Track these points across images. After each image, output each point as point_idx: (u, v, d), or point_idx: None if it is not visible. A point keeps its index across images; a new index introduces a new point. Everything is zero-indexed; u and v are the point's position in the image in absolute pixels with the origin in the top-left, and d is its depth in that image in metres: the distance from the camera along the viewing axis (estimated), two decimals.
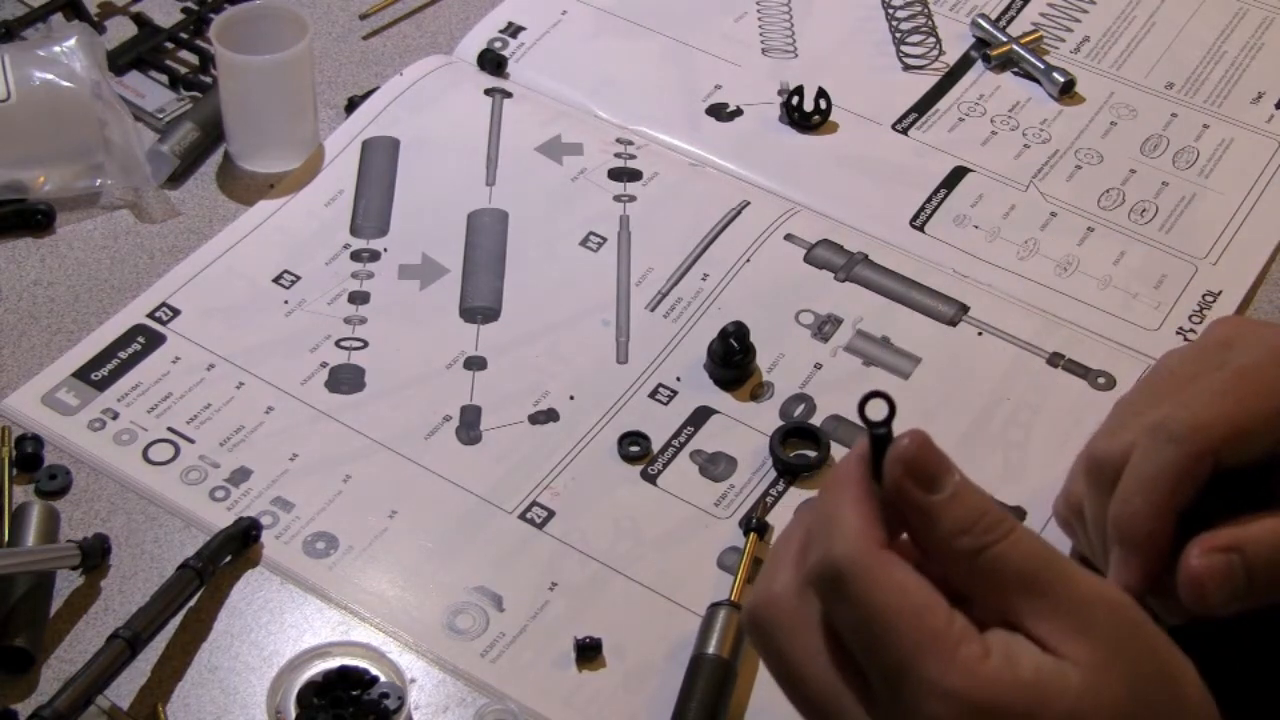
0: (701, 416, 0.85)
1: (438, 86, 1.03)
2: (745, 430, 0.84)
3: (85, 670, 0.69)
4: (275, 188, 0.97)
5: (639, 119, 1.03)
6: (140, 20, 1.07)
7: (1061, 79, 1.06)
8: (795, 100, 1.02)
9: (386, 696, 0.71)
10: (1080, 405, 0.86)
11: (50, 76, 0.95)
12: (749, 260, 0.93)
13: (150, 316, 0.89)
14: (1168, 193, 1.00)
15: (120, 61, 1.03)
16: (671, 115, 1.03)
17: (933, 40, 1.10)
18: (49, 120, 0.94)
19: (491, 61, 1.05)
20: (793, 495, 0.82)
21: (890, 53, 1.09)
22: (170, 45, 1.06)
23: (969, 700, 0.48)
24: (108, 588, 0.76)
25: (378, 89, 1.03)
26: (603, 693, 0.73)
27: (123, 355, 0.87)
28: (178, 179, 0.97)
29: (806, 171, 1.00)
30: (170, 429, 0.83)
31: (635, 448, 0.83)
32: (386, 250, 0.93)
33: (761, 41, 1.09)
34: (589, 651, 0.74)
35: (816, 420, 0.85)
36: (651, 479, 0.82)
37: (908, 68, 1.08)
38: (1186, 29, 1.12)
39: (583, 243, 0.94)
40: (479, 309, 0.90)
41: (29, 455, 0.81)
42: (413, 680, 0.73)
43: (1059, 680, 0.48)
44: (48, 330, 0.88)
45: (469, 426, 0.84)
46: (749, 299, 0.91)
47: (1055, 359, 0.89)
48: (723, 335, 0.86)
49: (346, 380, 0.86)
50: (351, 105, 1.02)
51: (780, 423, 0.84)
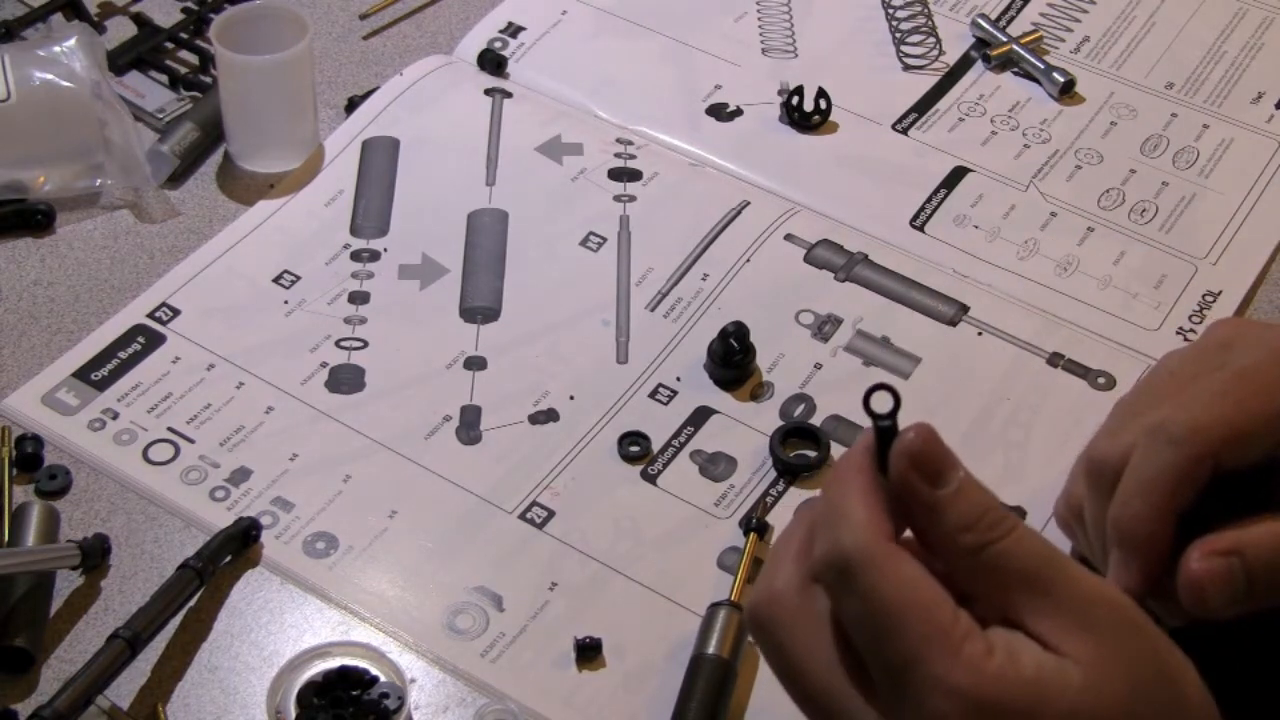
0: (701, 416, 0.85)
1: (438, 86, 1.03)
2: (745, 430, 0.84)
3: (85, 670, 0.69)
4: (275, 188, 0.97)
5: (639, 119, 1.03)
6: (140, 20, 1.07)
7: (1061, 79, 1.06)
8: (795, 100, 1.02)
9: (386, 696, 0.71)
10: (1080, 405, 0.86)
11: (50, 76, 0.95)
12: (749, 260, 0.93)
13: (150, 316, 0.89)
14: (1168, 193, 1.00)
15: (120, 61, 1.03)
16: (671, 115, 1.03)
17: (933, 40, 1.10)
18: (49, 120, 0.94)
19: (491, 61, 1.05)
20: (793, 495, 0.82)
21: (890, 53, 1.09)
22: (170, 45, 1.06)
23: (972, 697, 0.48)
24: (108, 588, 0.76)
25: (378, 89, 1.03)
26: (603, 693, 0.73)
27: (123, 355, 0.87)
28: (178, 179, 0.97)
29: (806, 171, 1.00)
30: (170, 429, 0.83)
31: (635, 448, 0.83)
32: (386, 250, 0.93)
33: (761, 41, 1.09)
34: (589, 651, 0.74)
35: (816, 420, 0.85)
36: (651, 479, 0.82)
37: (908, 68, 1.08)
38: (1186, 29, 1.12)
39: (583, 243, 0.94)
40: (479, 309, 0.90)
41: (29, 455, 0.81)
42: (413, 680, 0.73)
43: (1060, 677, 0.48)
44: (48, 330, 0.88)
45: (469, 426, 0.84)
46: (749, 299, 0.91)
47: (1055, 359, 0.89)
48: (723, 335, 0.86)
49: (346, 380, 0.86)
50: (351, 105, 1.02)
51: (780, 423, 0.84)
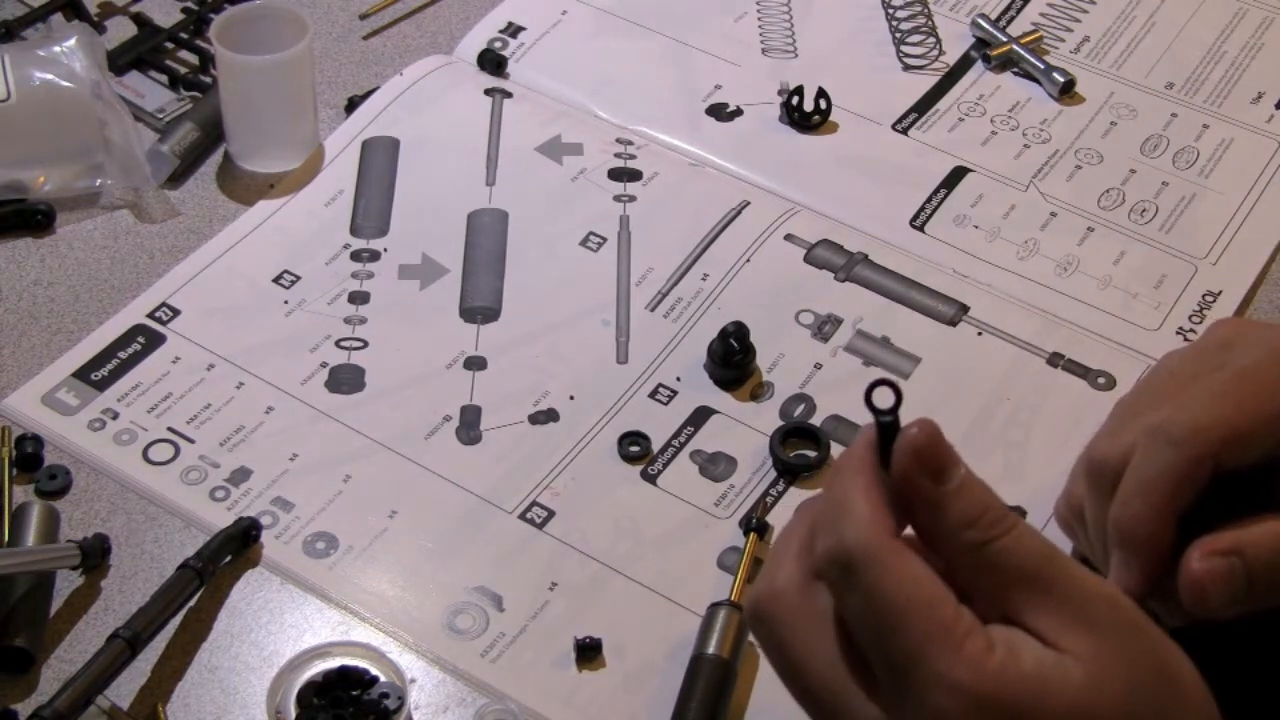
0: (701, 416, 0.85)
1: (438, 86, 1.03)
2: (745, 430, 0.84)
3: (85, 670, 0.69)
4: (275, 188, 0.97)
5: (639, 119, 1.03)
6: (140, 20, 1.07)
7: (1061, 79, 1.06)
8: (795, 100, 1.02)
9: (386, 696, 0.71)
10: (1080, 405, 0.86)
11: (50, 76, 0.95)
12: (749, 260, 0.93)
13: (150, 316, 0.89)
14: (1168, 193, 1.00)
15: (120, 61, 1.03)
16: (671, 115, 1.03)
17: (933, 40, 1.10)
18: (49, 120, 0.94)
19: (491, 61, 1.05)
20: (793, 495, 0.82)
21: (890, 53, 1.09)
22: (170, 45, 1.06)
23: (974, 693, 0.48)
24: (108, 588, 0.76)
25: (378, 89, 1.03)
26: (603, 693, 0.73)
27: (123, 355, 0.87)
28: (178, 179, 0.97)
29: (806, 171, 1.00)
30: (170, 429, 0.83)
31: (635, 448, 0.83)
32: (386, 250, 0.93)
33: (761, 41, 1.09)
34: (589, 651, 0.74)
35: (816, 420, 0.85)
36: (651, 479, 0.82)
37: (908, 68, 1.08)
38: (1186, 29, 1.12)
39: (583, 243, 0.94)
40: (479, 309, 0.90)
41: (29, 455, 0.81)
42: (413, 680, 0.73)
43: (1061, 674, 0.49)
44: (48, 330, 0.88)
45: (469, 426, 0.84)
46: (749, 299, 0.91)
47: (1055, 359, 0.89)
48: (723, 335, 0.86)
49: (346, 380, 0.86)
50: (351, 105, 1.02)
51: (780, 423, 0.84)
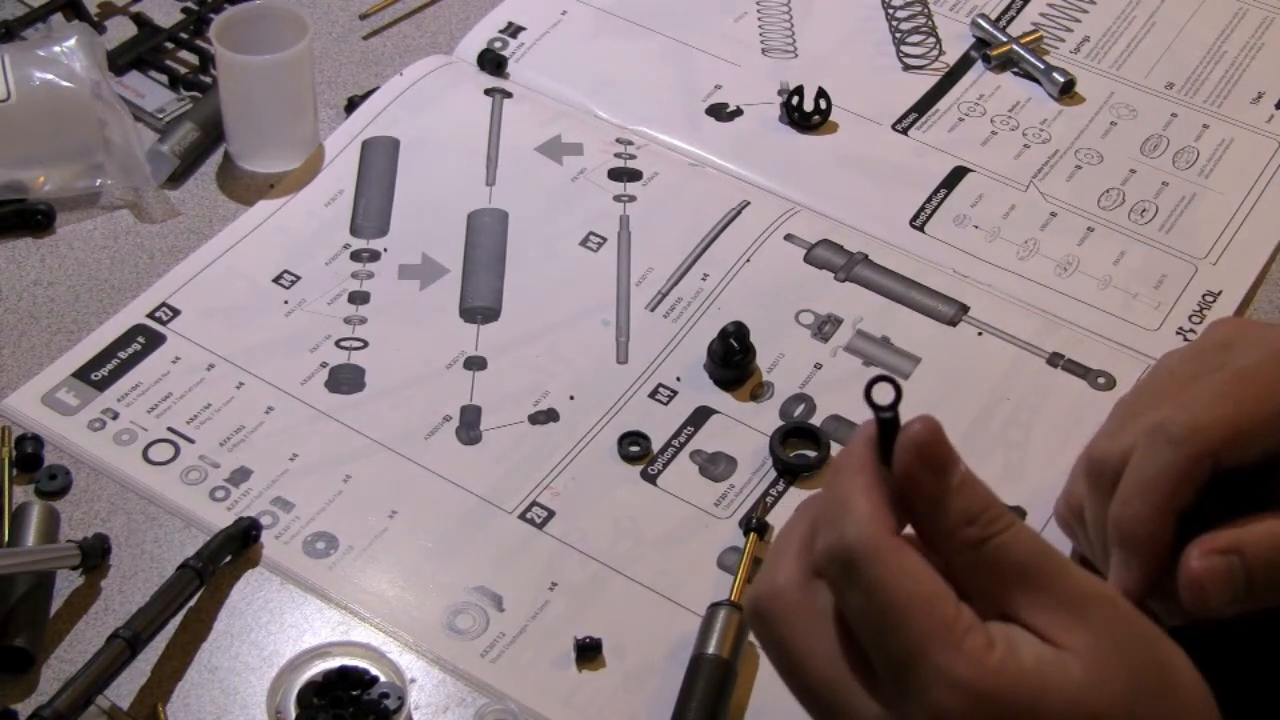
0: (701, 416, 0.85)
1: (438, 86, 1.03)
2: (745, 430, 0.84)
3: (85, 670, 0.69)
4: (275, 188, 0.97)
5: (639, 119, 1.03)
6: (140, 20, 1.07)
7: (1061, 79, 1.06)
8: (795, 100, 1.02)
9: (386, 696, 0.71)
10: (1080, 405, 0.86)
11: (50, 76, 0.95)
12: (749, 260, 0.93)
13: (150, 316, 0.89)
14: (1168, 193, 1.00)
15: (120, 61, 1.03)
16: (671, 115, 1.03)
17: (933, 40, 1.10)
18: (49, 120, 0.94)
19: (491, 61, 1.05)
20: (793, 495, 0.82)
21: (890, 53, 1.09)
22: (170, 45, 1.06)
23: (975, 689, 0.48)
24: (108, 588, 0.76)
25: (378, 89, 1.03)
26: (603, 693, 0.73)
27: (123, 355, 0.87)
28: (178, 179, 0.97)
29: (806, 171, 1.00)
30: (170, 429, 0.83)
31: (635, 448, 0.83)
32: (386, 250, 0.93)
33: (761, 41, 1.09)
34: (589, 651, 0.74)
35: (816, 420, 0.85)
36: (651, 479, 0.82)
37: (908, 68, 1.08)
38: (1186, 29, 1.12)
39: (583, 243, 0.94)
40: (479, 309, 0.90)
41: (29, 455, 0.81)
42: (413, 680, 0.73)
43: (1060, 670, 0.49)
44: (48, 330, 0.88)
45: (469, 426, 0.84)
46: (749, 299, 0.91)
47: (1055, 359, 0.89)
48: (723, 335, 0.86)
49: (346, 380, 0.86)
50: (351, 105, 1.02)
51: (780, 423, 0.84)
